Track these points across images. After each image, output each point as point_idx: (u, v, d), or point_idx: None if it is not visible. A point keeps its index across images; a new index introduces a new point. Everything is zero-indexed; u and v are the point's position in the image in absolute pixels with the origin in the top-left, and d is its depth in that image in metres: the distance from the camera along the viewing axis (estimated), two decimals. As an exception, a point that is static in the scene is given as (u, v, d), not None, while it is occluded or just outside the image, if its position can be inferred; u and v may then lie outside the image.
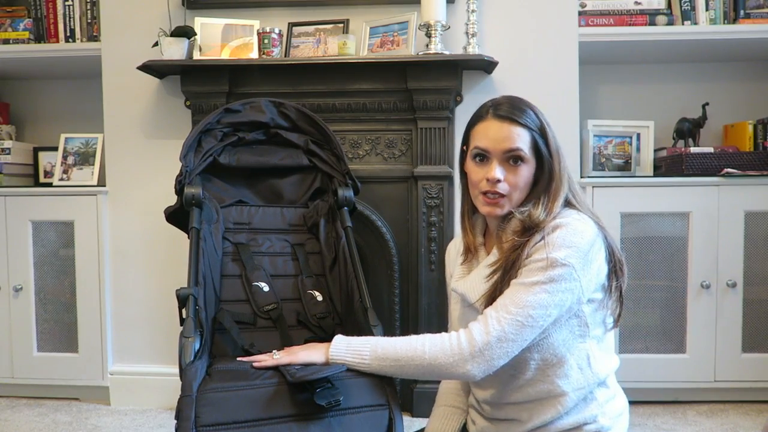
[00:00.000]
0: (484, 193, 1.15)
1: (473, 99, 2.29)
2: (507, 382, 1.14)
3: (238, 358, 1.27)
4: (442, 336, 1.09)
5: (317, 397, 1.09)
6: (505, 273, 1.10)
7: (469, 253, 1.25)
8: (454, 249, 1.35)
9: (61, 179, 2.48)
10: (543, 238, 1.07)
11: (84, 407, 2.40)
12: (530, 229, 1.10)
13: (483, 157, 1.16)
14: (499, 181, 1.13)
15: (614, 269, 1.13)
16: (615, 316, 1.15)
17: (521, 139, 1.13)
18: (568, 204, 1.16)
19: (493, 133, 1.14)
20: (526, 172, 1.14)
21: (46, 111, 2.87)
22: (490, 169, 1.14)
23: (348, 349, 1.14)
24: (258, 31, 2.25)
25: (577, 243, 1.06)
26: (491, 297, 1.11)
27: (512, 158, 1.13)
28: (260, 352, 1.44)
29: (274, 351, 1.23)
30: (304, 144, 1.91)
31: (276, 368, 1.19)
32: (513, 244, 1.10)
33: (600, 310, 1.12)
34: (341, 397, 1.10)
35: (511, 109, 1.15)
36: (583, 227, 1.08)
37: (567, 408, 1.11)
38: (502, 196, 1.14)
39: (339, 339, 1.17)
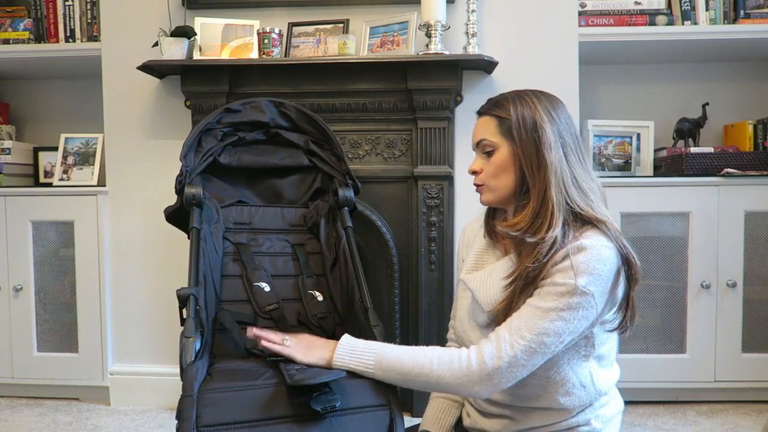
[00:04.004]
0: None
1: (473, 99, 2.29)
2: (509, 389, 1.13)
3: (255, 344, 1.28)
4: (452, 354, 1.06)
5: (314, 402, 1.09)
6: (523, 288, 1.07)
7: (492, 236, 1.23)
8: (471, 231, 1.32)
9: (61, 179, 2.48)
10: (567, 257, 1.03)
11: (84, 407, 2.40)
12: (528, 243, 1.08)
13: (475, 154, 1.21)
14: (474, 172, 1.18)
15: (629, 286, 1.08)
16: (621, 326, 1.11)
17: (486, 128, 1.16)
18: (570, 208, 1.09)
19: (473, 130, 1.20)
20: (498, 158, 1.14)
21: (46, 111, 2.87)
22: (472, 162, 1.20)
23: (353, 354, 1.13)
24: (258, 31, 2.25)
25: (600, 270, 1.02)
26: (505, 310, 1.08)
27: (483, 149, 1.16)
28: (262, 353, 1.44)
29: (285, 338, 1.22)
30: (305, 144, 1.91)
31: (276, 368, 1.19)
32: (533, 261, 1.06)
33: (609, 329, 1.11)
34: (338, 403, 1.10)
35: (486, 104, 1.19)
36: (608, 253, 1.04)
37: (564, 418, 1.12)
38: (482, 185, 1.18)
39: (345, 343, 1.14)
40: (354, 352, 1.13)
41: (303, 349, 1.18)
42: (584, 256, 1.03)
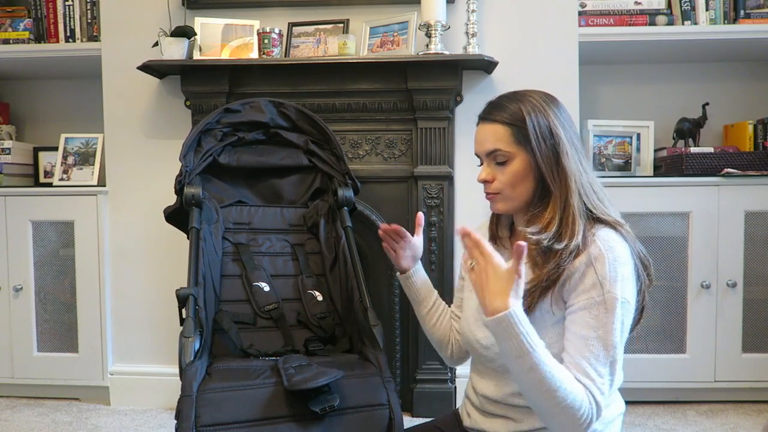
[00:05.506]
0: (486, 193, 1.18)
1: (473, 99, 2.29)
2: (511, 386, 1.14)
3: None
4: (582, 402, 0.97)
5: (312, 403, 1.10)
6: (543, 291, 1.06)
7: (495, 241, 1.23)
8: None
9: (61, 179, 2.48)
10: (590, 267, 1.03)
11: (84, 407, 2.40)
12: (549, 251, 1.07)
13: (480, 160, 1.18)
14: (486, 181, 1.15)
15: (645, 286, 1.10)
16: (633, 324, 1.12)
17: (497, 137, 1.12)
18: (592, 214, 1.10)
19: (477, 137, 1.17)
20: (514, 167, 1.11)
21: (46, 111, 2.88)
22: (481, 171, 1.16)
23: (512, 331, 0.94)
24: (258, 31, 2.25)
25: (625, 273, 1.03)
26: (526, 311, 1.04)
27: (495, 158, 1.13)
28: (259, 352, 1.45)
29: (472, 262, 1.01)
30: (304, 144, 1.91)
31: (275, 367, 1.19)
32: (554, 266, 1.05)
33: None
34: (336, 402, 1.10)
35: (490, 109, 1.16)
36: (624, 252, 1.05)
37: None
38: (496, 194, 1.15)
39: (515, 314, 0.94)
40: (514, 331, 0.94)
41: (480, 287, 0.99)
42: (607, 262, 1.02)
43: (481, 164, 1.17)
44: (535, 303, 1.07)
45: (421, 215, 1.36)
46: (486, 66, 2.24)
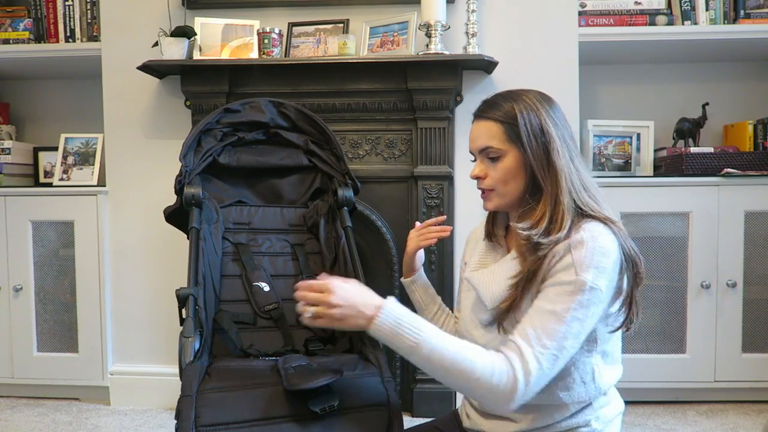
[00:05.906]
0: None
1: (473, 99, 2.29)
2: None
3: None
4: (493, 368, 0.99)
5: (312, 404, 1.10)
6: (526, 284, 1.07)
7: (491, 238, 1.25)
8: (474, 237, 1.34)
9: (61, 179, 2.48)
10: (568, 252, 1.03)
11: (84, 407, 2.40)
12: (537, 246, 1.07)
13: (474, 156, 1.19)
14: (478, 177, 1.17)
15: (633, 284, 1.10)
16: (625, 324, 1.11)
17: (490, 134, 1.14)
18: (582, 211, 1.10)
19: (471, 134, 1.18)
20: (506, 164, 1.13)
21: (46, 111, 2.88)
22: (474, 167, 1.18)
23: (393, 331, 1.00)
24: (258, 31, 2.25)
25: (604, 264, 1.03)
26: (509, 308, 1.08)
27: (487, 155, 1.15)
28: (259, 352, 1.45)
29: (310, 309, 1.05)
30: (304, 144, 1.91)
31: (275, 367, 1.19)
32: (533, 261, 1.06)
33: (612, 330, 1.10)
34: (336, 402, 1.10)
35: (484, 107, 1.17)
36: (608, 242, 1.05)
37: (564, 417, 1.11)
38: (490, 190, 1.16)
39: (389, 313, 1.01)
40: (397, 329, 1.00)
41: (335, 321, 1.05)
42: (586, 249, 1.03)
43: (474, 160, 1.19)
44: (521, 294, 1.08)
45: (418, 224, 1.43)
46: (486, 66, 2.24)
